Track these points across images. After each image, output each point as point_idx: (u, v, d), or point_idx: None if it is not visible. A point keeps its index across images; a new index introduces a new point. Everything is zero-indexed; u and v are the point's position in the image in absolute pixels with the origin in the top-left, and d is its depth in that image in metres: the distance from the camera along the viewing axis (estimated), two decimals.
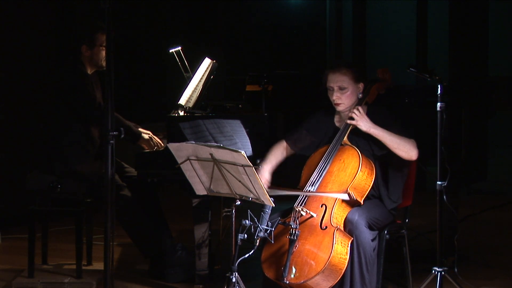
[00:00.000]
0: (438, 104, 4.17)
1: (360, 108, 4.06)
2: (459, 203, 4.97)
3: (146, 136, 4.88)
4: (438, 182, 4.22)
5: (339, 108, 4.17)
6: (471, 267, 5.03)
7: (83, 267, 4.83)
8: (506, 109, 5.59)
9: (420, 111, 4.87)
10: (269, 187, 4.04)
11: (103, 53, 4.85)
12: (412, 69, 4.31)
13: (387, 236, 4.09)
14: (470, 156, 4.90)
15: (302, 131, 4.31)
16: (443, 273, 4.22)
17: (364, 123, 4.02)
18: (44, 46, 6.62)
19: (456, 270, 4.50)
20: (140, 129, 4.94)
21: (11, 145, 6.30)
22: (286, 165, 4.34)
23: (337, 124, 4.24)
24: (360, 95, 4.16)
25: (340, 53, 9.97)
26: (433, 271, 4.24)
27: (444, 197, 4.22)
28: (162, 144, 4.88)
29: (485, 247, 5.38)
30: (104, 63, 4.86)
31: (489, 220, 6.27)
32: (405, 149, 4.02)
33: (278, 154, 4.31)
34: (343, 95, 4.13)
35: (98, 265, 4.98)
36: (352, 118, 4.04)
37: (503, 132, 8.98)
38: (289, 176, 4.30)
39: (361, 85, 4.16)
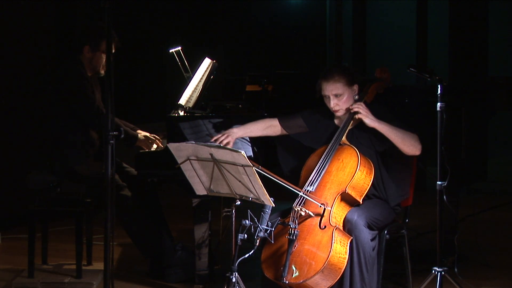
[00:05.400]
0: (438, 104, 4.17)
1: (362, 103, 4.07)
2: (459, 203, 4.97)
3: (141, 137, 4.88)
4: (438, 182, 4.21)
5: (338, 114, 4.20)
6: (471, 267, 5.03)
7: (83, 267, 4.84)
8: (506, 109, 5.58)
9: (420, 111, 4.87)
10: (263, 170, 3.80)
11: (104, 60, 4.83)
12: (412, 69, 4.30)
13: (387, 236, 4.09)
14: (470, 156, 4.90)
15: (299, 117, 4.32)
16: (443, 273, 4.22)
17: (369, 117, 4.03)
18: (44, 46, 6.61)
19: (456, 270, 4.51)
20: (139, 131, 4.95)
21: (11, 145, 6.30)
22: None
23: (336, 122, 4.25)
24: (356, 96, 4.17)
25: (340, 53, 9.96)
26: (433, 271, 4.24)
27: (444, 197, 4.22)
28: (161, 144, 4.88)
29: (485, 247, 5.37)
30: (102, 71, 4.87)
31: (489, 220, 6.27)
32: (409, 143, 4.02)
33: (259, 126, 4.33)
34: (340, 101, 4.14)
35: (98, 265, 4.98)
36: (357, 113, 4.04)
37: (503, 132, 8.98)
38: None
39: (355, 87, 4.17)
